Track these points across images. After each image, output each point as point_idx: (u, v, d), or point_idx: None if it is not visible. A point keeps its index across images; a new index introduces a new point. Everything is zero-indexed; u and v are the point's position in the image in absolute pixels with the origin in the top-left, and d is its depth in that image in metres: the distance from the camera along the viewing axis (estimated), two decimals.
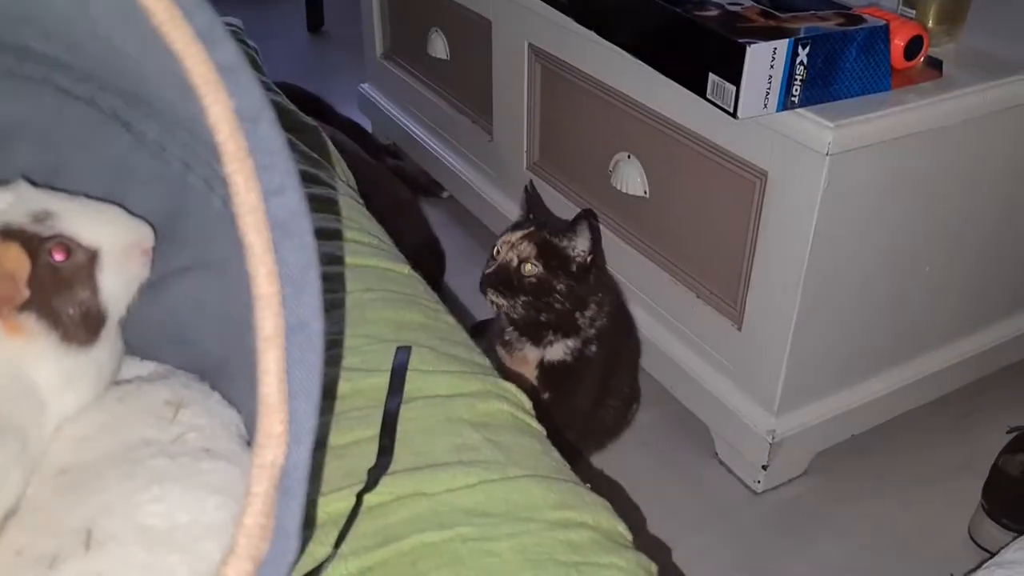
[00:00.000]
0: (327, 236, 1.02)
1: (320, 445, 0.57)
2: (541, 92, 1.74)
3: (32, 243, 0.61)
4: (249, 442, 0.67)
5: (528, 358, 1.38)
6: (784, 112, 1.20)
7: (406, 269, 1.04)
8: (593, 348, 1.35)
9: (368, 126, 2.48)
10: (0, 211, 0.62)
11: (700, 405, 1.52)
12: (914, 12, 1.37)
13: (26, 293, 0.61)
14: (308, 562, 0.64)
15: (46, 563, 0.53)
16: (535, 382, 1.37)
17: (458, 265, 1.96)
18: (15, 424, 0.59)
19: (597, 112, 1.59)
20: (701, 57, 1.23)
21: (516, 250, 1.28)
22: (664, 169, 1.49)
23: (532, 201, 1.46)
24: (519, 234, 1.30)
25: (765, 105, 1.19)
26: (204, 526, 0.57)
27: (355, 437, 0.76)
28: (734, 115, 1.19)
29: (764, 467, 1.44)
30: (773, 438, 1.40)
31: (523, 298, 1.27)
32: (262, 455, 0.46)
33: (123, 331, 0.71)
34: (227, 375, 0.71)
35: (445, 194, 2.21)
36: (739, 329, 1.40)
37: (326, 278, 0.63)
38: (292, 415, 0.46)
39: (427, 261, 1.88)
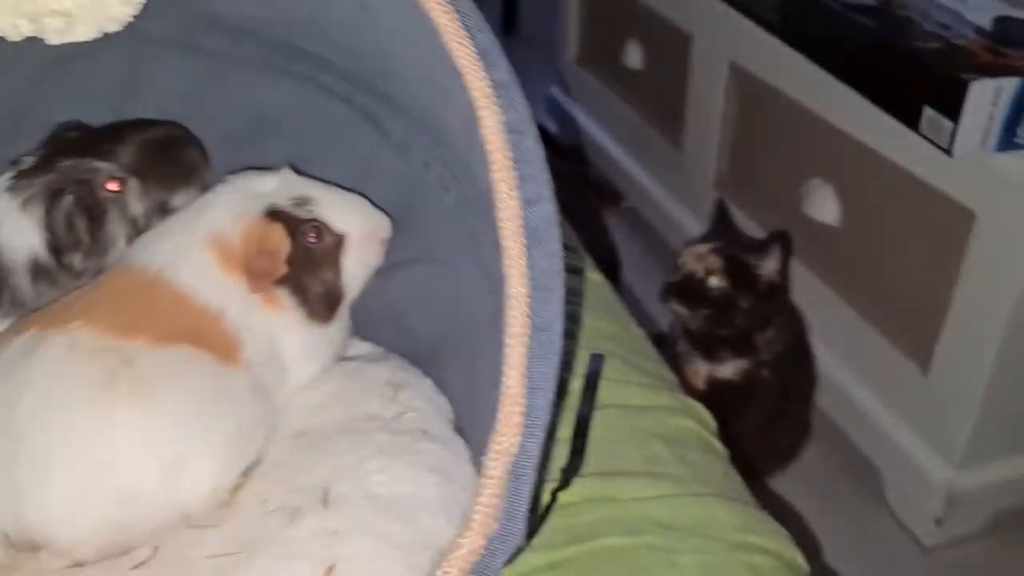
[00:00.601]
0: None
1: (549, 437, 0.61)
2: (737, 110, 1.73)
3: (292, 225, 0.68)
4: (457, 428, 0.71)
5: (698, 372, 1.38)
6: (1003, 153, 1.15)
7: (599, 277, 1.07)
8: (766, 372, 1.33)
9: (554, 130, 2.53)
10: (267, 193, 0.69)
11: (873, 447, 1.47)
12: None
13: (284, 269, 0.68)
14: None
15: (287, 514, 0.59)
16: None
17: (631, 277, 1.97)
18: (266, 386, 0.66)
19: (794, 135, 1.57)
20: (918, 90, 1.19)
21: (703, 262, 1.29)
22: (860, 199, 1.45)
23: (722, 217, 1.46)
24: (707, 247, 1.31)
25: (983, 144, 1.15)
26: (422, 500, 0.62)
27: None
28: (948, 153, 1.14)
29: (937, 521, 1.38)
30: (951, 491, 1.34)
31: (704, 311, 1.28)
32: (500, 442, 0.49)
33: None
34: (440, 363, 0.76)
35: (625, 204, 2.23)
36: (925, 373, 1.35)
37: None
38: (529, 408, 0.50)
39: (601, 270, 1.90)
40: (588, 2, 2.27)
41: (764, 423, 1.41)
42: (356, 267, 0.72)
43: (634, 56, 2.09)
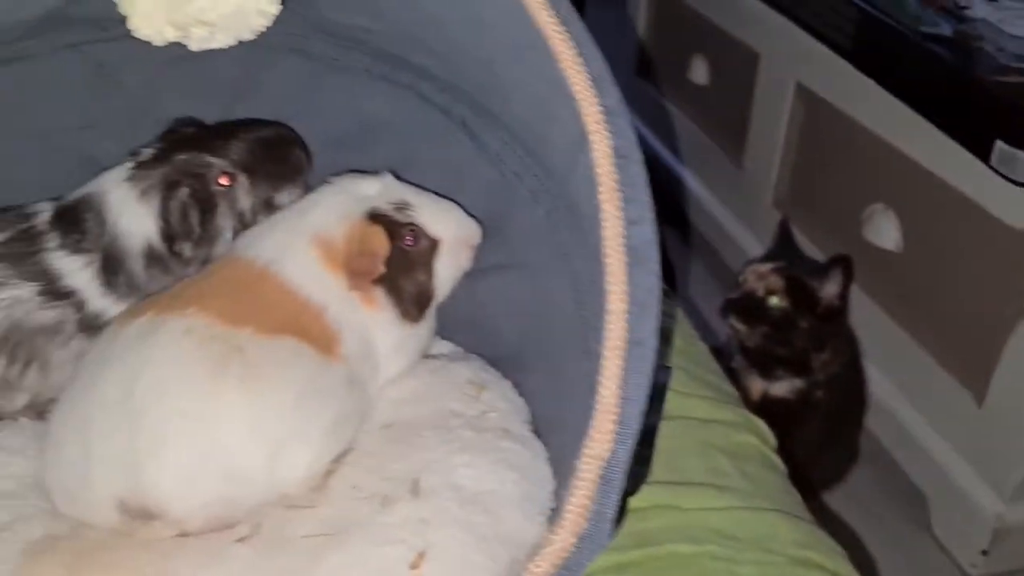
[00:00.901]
0: None
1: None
2: (801, 131, 1.74)
3: (392, 228, 0.72)
4: (536, 431, 0.75)
5: (752, 388, 1.40)
6: None
7: (664, 289, 1.09)
8: (820, 394, 1.35)
9: None
10: (369, 196, 0.73)
11: (922, 474, 1.48)
12: None
13: (382, 270, 0.71)
14: None
15: (378, 501, 0.63)
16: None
17: (683, 291, 1.99)
18: (360, 379, 0.70)
19: (858, 158, 1.58)
20: (991, 123, 1.20)
21: (764, 281, 1.31)
22: (923, 226, 1.46)
23: (785, 237, 1.47)
24: (769, 266, 1.32)
25: None
26: (504, 497, 0.65)
27: None
28: (1021, 185, 1.15)
29: (984, 552, 1.38)
30: (1000, 525, 1.34)
31: (763, 329, 1.30)
32: (592, 447, 0.53)
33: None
34: (521, 367, 0.79)
35: (682, 217, 2.24)
36: (980, 404, 1.35)
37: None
38: (622, 417, 0.53)
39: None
40: (653, 15, 2.30)
41: (814, 444, 1.43)
42: (447, 270, 0.75)
43: (699, 72, 2.11)
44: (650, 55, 2.38)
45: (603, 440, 0.52)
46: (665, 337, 0.95)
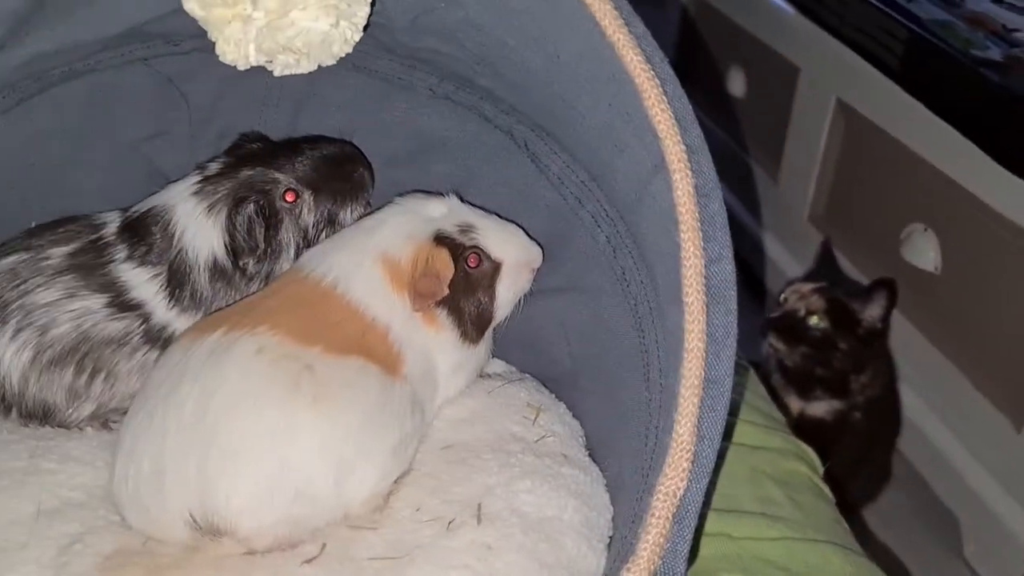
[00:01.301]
0: None
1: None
2: (840, 148, 1.74)
3: (456, 250, 0.73)
4: (591, 455, 0.75)
5: (789, 407, 1.39)
6: None
7: (738, 356, 1.10)
8: (857, 415, 1.34)
9: None
10: (436, 218, 0.74)
11: (955, 498, 1.47)
12: None
13: (445, 292, 0.72)
14: None
15: (442, 524, 0.63)
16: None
17: None
18: (421, 400, 0.71)
19: (898, 178, 1.57)
20: None
21: (805, 302, 1.30)
22: (963, 249, 1.45)
23: (826, 257, 1.47)
24: (811, 286, 1.32)
25: None
26: (565, 524, 0.65)
27: None
28: None
29: None
30: None
31: (803, 349, 1.29)
32: (667, 484, 0.53)
33: None
34: (577, 389, 0.80)
35: None
36: (1019, 430, 1.35)
37: None
38: (696, 455, 0.53)
39: None
40: (689, 23, 2.29)
41: (848, 463, 1.42)
42: (508, 292, 0.76)
43: (735, 83, 2.10)
44: (684, 65, 2.37)
45: (678, 477, 0.53)
46: (732, 410, 0.94)
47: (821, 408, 1.35)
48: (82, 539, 0.61)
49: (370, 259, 0.71)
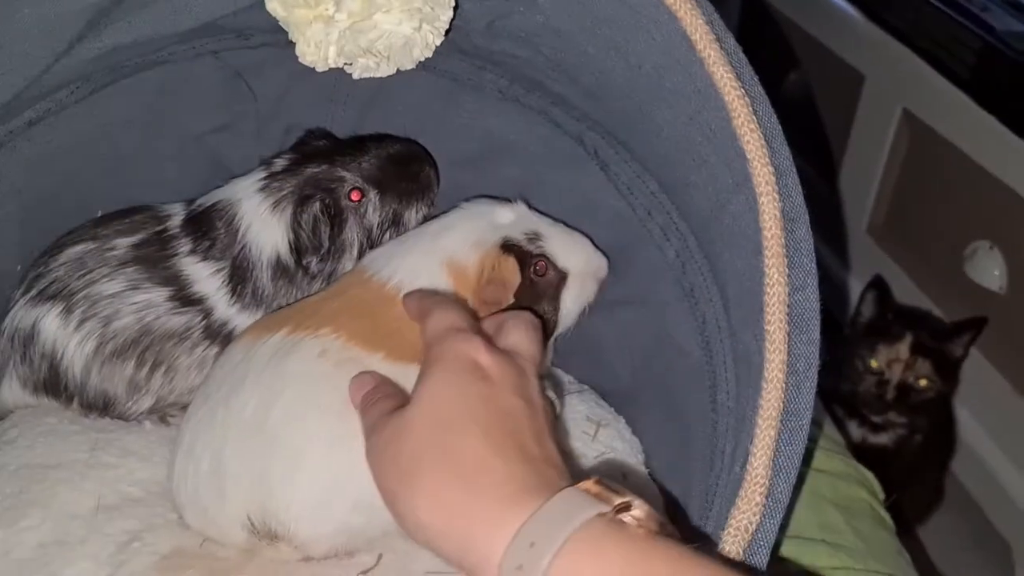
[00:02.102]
0: None
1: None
2: (903, 159, 1.69)
3: (524, 258, 0.71)
4: (650, 474, 0.73)
5: (849, 434, 1.36)
6: None
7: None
8: (919, 438, 1.31)
9: None
10: (503, 225, 0.72)
11: (1009, 522, 1.43)
12: None
13: (511, 300, 0.70)
14: None
15: None
16: None
17: None
18: None
19: (965, 193, 1.52)
20: None
21: (912, 371, 1.28)
22: None
23: (883, 296, 1.43)
24: (906, 347, 1.29)
25: None
26: None
27: None
28: None
29: None
30: None
31: (920, 414, 1.28)
32: (739, 519, 0.51)
33: None
34: (636, 404, 0.78)
35: None
36: None
37: None
38: (772, 490, 0.51)
39: None
40: (748, 24, 2.25)
41: (899, 486, 1.39)
42: (573, 302, 0.74)
43: (795, 87, 2.06)
44: None
45: (751, 511, 0.51)
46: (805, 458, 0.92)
47: (885, 437, 1.32)
48: (140, 537, 0.61)
49: (435, 264, 0.70)
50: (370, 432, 0.56)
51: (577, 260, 0.74)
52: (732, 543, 0.51)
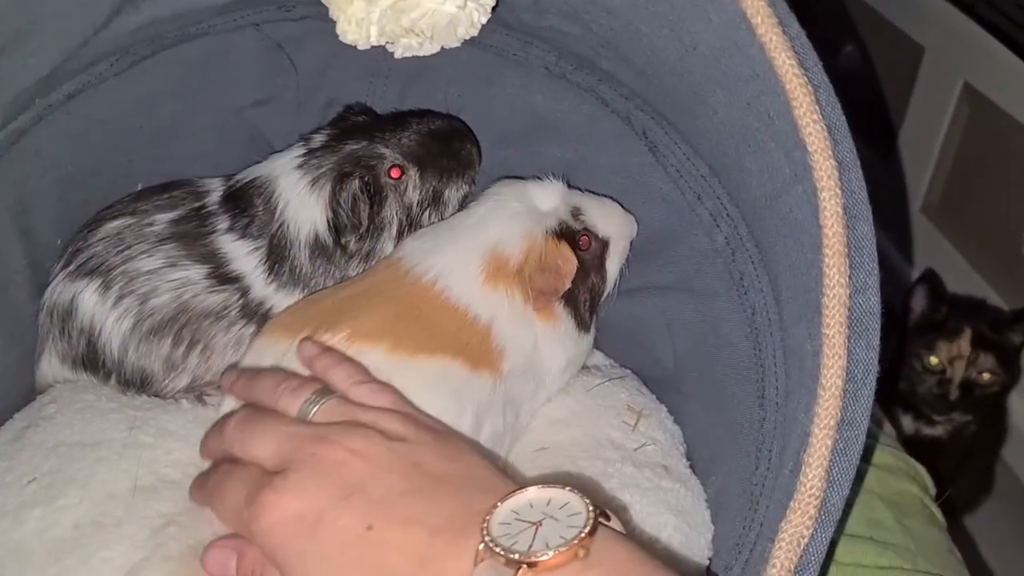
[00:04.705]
0: None
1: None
2: (963, 134, 1.63)
3: (572, 238, 0.69)
4: (691, 466, 0.71)
5: (903, 426, 1.33)
6: None
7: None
8: (973, 427, 1.27)
9: None
10: (550, 211, 0.70)
11: None
12: None
13: (568, 286, 0.68)
14: None
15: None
16: None
17: None
18: (515, 399, 0.68)
19: None
20: None
21: (976, 366, 1.23)
22: None
23: (936, 292, 1.38)
24: (967, 342, 1.24)
25: None
26: (664, 545, 0.62)
27: None
28: None
29: None
30: None
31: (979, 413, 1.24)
32: (791, 532, 0.49)
33: None
34: (679, 392, 0.76)
35: None
36: None
37: None
38: (825, 501, 0.49)
39: None
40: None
41: (949, 474, 1.35)
42: (614, 268, 0.74)
43: (850, 59, 1.98)
44: None
45: (803, 524, 0.49)
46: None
47: (939, 429, 1.28)
48: (177, 520, 0.60)
49: (476, 255, 0.68)
50: None
51: (614, 225, 0.73)
52: (784, 559, 0.49)
